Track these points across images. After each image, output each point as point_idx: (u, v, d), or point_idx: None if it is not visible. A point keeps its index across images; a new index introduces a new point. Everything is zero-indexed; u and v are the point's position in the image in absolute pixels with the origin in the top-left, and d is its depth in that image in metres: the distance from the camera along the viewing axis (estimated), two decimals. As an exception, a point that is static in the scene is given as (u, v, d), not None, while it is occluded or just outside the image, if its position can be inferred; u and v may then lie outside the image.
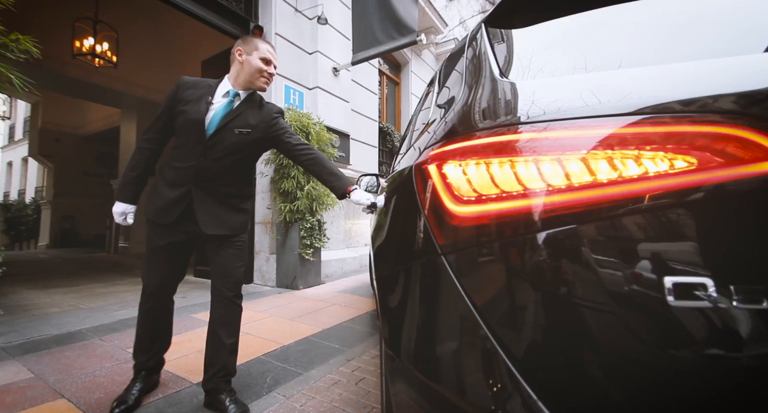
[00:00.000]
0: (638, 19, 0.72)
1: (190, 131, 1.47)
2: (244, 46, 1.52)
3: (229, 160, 1.53)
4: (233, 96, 1.51)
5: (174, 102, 1.51)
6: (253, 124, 1.54)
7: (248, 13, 4.77)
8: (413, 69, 8.22)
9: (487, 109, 0.66)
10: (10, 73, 1.96)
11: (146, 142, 1.55)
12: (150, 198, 1.54)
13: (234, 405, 1.48)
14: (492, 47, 0.77)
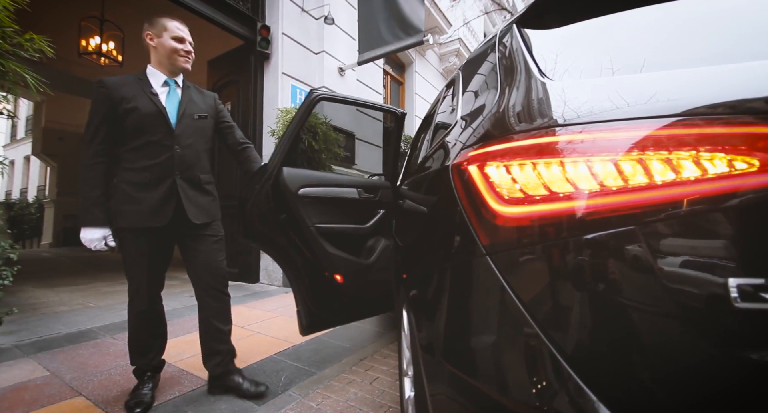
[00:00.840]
0: (675, 19, 0.73)
1: (152, 125, 1.44)
2: (152, 29, 1.50)
3: (198, 146, 1.56)
4: (171, 83, 1.53)
5: (111, 105, 1.42)
6: (203, 108, 1.60)
7: (255, 12, 4.78)
8: (417, 69, 8.22)
9: (529, 109, 0.66)
10: (25, 72, 1.97)
11: (95, 156, 1.43)
12: (120, 208, 1.44)
13: (249, 382, 1.60)
14: (528, 48, 0.77)
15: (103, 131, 1.44)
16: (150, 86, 1.49)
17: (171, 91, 1.52)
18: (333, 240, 1.78)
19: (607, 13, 0.80)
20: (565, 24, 0.83)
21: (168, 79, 1.53)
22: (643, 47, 0.76)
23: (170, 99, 1.51)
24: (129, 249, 1.48)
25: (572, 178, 0.53)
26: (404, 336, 1.32)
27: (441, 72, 9.14)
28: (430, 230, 0.76)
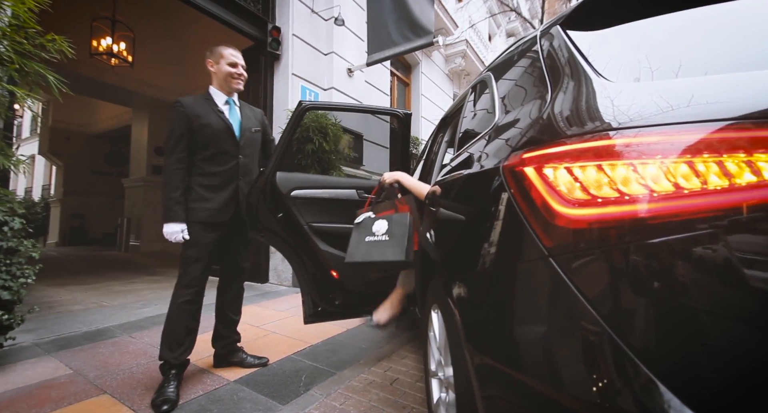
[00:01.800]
0: (727, 20, 0.73)
1: (222, 138, 1.72)
2: (212, 57, 1.78)
3: (254, 155, 1.88)
4: (230, 102, 1.80)
5: (189, 121, 1.68)
6: (256, 123, 1.88)
7: (266, 13, 4.80)
8: (423, 70, 8.23)
9: (587, 111, 0.67)
10: (48, 73, 1.98)
11: (176, 163, 1.67)
12: (194, 205, 1.70)
13: (252, 357, 1.92)
14: (578, 49, 0.78)
15: (183, 142, 1.68)
16: (216, 105, 1.75)
17: (231, 109, 1.80)
18: (328, 238, 1.94)
19: (653, 15, 0.80)
20: (610, 25, 0.83)
21: (228, 98, 1.80)
22: (690, 49, 0.76)
23: (232, 116, 1.79)
24: (195, 241, 1.69)
25: (640, 181, 0.53)
26: (432, 337, 1.32)
27: (447, 73, 9.14)
28: (477, 232, 0.76)
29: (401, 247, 1.53)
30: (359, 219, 1.70)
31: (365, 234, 1.64)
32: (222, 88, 1.78)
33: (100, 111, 10.03)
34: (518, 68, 1.02)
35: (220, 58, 1.75)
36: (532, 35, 1.00)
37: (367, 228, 1.65)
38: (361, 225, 1.68)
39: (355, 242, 1.65)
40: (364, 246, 1.61)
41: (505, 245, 0.68)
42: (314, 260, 1.93)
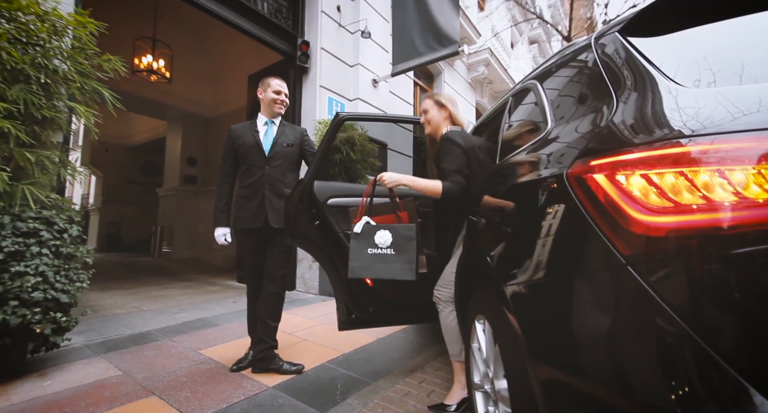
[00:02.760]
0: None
1: (252, 153, 1.99)
2: (261, 87, 2.07)
3: (284, 166, 2.04)
4: (269, 123, 2.06)
5: (232, 143, 2.03)
6: (291, 139, 2.08)
7: (295, 28, 4.97)
8: (446, 79, 8.26)
9: (655, 117, 0.66)
10: (104, 90, 2.12)
11: (225, 177, 2.04)
12: (236, 215, 2.01)
13: (288, 364, 1.98)
14: (643, 55, 0.77)
15: (229, 160, 2.04)
16: (255, 126, 2.05)
17: (269, 128, 2.07)
18: None
19: (719, 20, 0.79)
20: (671, 31, 0.82)
21: (268, 120, 2.07)
22: (754, 54, 0.74)
23: (267, 134, 2.05)
24: (240, 245, 2.05)
25: (725, 188, 0.52)
26: (476, 349, 1.30)
27: (469, 82, 9.14)
28: (540, 239, 0.76)
29: (410, 265, 1.45)
30: (358, 228, 1.57)
31: (367, 245, 1.54)
32: (266, 111, 2.07)
33: (137, 124, 10.59)
34: (571, 76, 1.01)
35: (267, 87, 2.04)
36: (584, 42, 0.99)
37: (368, 238, 1.55)
38: (361, 235, 1.56)
39: (356, 254, 1.55)
40: (367, 259, 1.53)
41: (575, 252, 0.67)
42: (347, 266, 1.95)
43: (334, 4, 5.20)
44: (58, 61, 1.87)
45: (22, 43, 1.75)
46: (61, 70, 1.87)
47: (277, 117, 2.08)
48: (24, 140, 1.64)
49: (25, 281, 1.61)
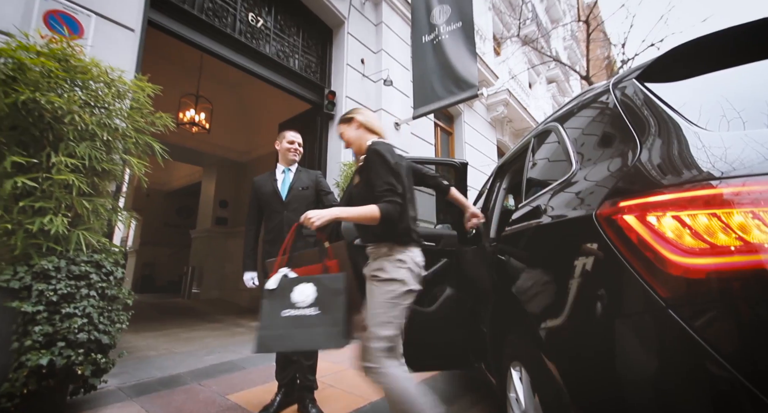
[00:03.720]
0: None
1: (271, 200, 2.14)
2: (278, 140, 2.26)
3: (302, 209, 2.00)
4: (285, 171, 2.23)
5: (255, 193, 2.21)
6: (306, 183, 2.21)
7: (323, 80, 5.38)
8: (466, 120, 8.50)
9: (682, 159, 0.67)
10: (155, 143, 2.34)
11: (251, 224, 2.19)
12: (263, 259, 2.06)
13: (316, 409, 1.94)
14: (662, 100, 0.80)
15: (253, 208, 2.20)
16: (274, 175, 2.22)
17: (285, 175, 2.22)
18: None
19: (733, 66, 0.82)
20: (687, 77, 0.86)
21: (285, 168, 2.24)
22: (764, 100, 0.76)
23: (285, 180, 2.20)
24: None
25: (762, 229, 0.52)
26: (513, 400, 1.23)
27: (489, 121, 9.35)
28: (574, 281, 0.75)
29: (337, 328, 1.14)
30: (271, 284, 1.27)
31: (281, 305, 1.21)
32: (282, 160, 2.25)
33: (176, 171, 11.36)
34: (592, 119, 1.05)
35: (282, 139, 2.25)
36: (602, 88, 1.04)
37: (283, 295, 1.23)
38: (275, 293, 1.25)
39: (267, 319, 1.21)
40: (281, 325, 1.18)
41: (612, 294, 0.67)
42: None
43: (358, 57, 5.62)
44: (119, 120, 2.11)
45: (90, 106, 1.99)
46: (121, 128, 2.10)
47: (292, 164, 2.24)
48: (84, 190, 1.82)
49: (72, 322, 1.70)
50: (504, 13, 10.20)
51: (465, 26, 5.21)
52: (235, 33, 4.16)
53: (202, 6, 3.87)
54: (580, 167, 0.95)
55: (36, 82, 1.71)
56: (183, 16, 3.58)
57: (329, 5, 5.15)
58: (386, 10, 6.10)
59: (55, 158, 1.72)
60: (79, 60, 1.95)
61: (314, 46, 5.41)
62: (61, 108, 1.74)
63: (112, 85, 2.08)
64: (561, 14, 14.46)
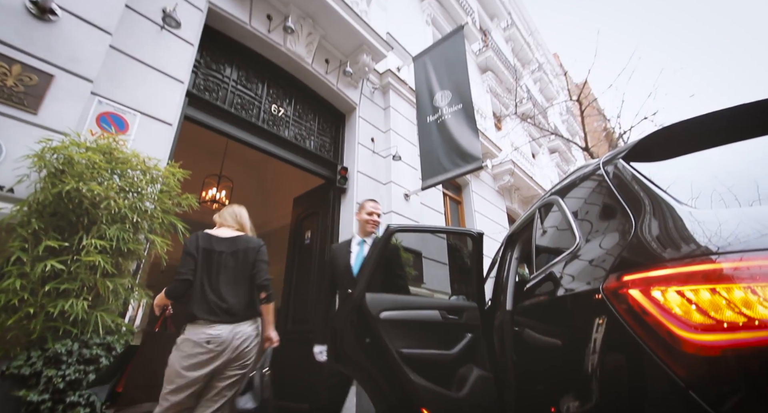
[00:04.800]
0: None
1: (343, 275, 2.05)
2: (359, 211, 2.27)
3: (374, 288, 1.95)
4: (361, 243, 2.16)
5: (330, 263, 2.15)
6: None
7: (336, 157, 5.78)
8: (474, 189, 8.76)
9: (675, 235, 0.70)
10: (179, 223, 2.49)
11: (323, 295, 2.15)
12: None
13: None
14: (647, 178, 0.86)
15: (327, 278, 2.16)
16: (349, 246, 2.18)
17: (361, 248, 2.17)
18: (418, 367, 1.68)
19: (710, 147, 0.89)
20: (671, 157, 0.93)
21: (361, 239, 2.21)
22: (752, 178, 0.81)
23: (358, 254, 2.14)
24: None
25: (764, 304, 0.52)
26: None
27: (497, 190, 9.61)
28: (590, 357, 0.73)
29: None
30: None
31: None
32: (360, 231, 2.23)
33: (193, 245, 11.63)
34: (587, 195, 1.11)
35: (362, 209, 2.26)
36: (593, 167, 1.12)
37: None
38: None
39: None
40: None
41: (629, 372, 0.64)
42: (401, 395, 1.69)
43: (368, 136, 6.10)
44: (149, 203, 2.28)
45: (125, 192, 2.18)
46: (150, 209, 2.26)
47: (369, 235, 2.21)
48: (109, 270, 1.90)
49: (75, 412, 1.63)
50: (501, 95, 11.20)
51: (465, 107, 5.72)
52: (259, 121, 4.64)
53: (232, 101, 4.40)
54: (584, 239, 0.98)
55: (81, 173, 1.92)
56: (215, 110, 4.06)
57: (342, 95, 5.79)
58: (393, 96, 6.78)
59: (86, 241, 1.84)
60: (122, 152, 2.20)
61: (329, 129, 5.94)
62: (99, 194, 1.91)
63: (147, 172, 2.29)
64: (554, 94, 15.73)
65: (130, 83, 2.92)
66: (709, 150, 0.92)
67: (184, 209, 2.64)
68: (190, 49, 3.54)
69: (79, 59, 2.48)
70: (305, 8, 4.95)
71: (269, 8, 4.73)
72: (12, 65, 2.16)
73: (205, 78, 4.15)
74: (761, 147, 0.88)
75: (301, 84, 5.43)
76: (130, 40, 3.03)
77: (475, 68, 10.74)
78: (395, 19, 7.73)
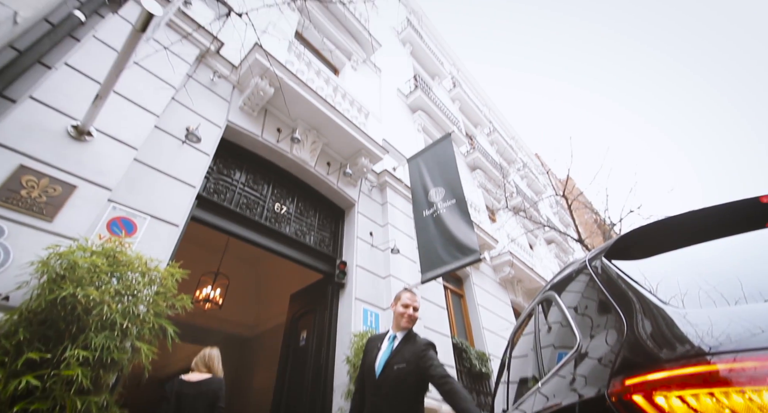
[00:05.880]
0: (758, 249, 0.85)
1: (368, 373, 1.86)
2: (394, 301, 2.09)
3: (394, 395, 1.75)
4: (392, 339, 1.96)
5: (364, 355, 1.97)
6: (407, 358, 1.84)
7: (335, 252, 5.83)
8: (475, 281, 8.60)
9: (669, 335, 0.71)
10: (169, 326, 2.39)
11: (355, 392, 1.97)
12: None
13: None
14: (630, 277, 0.90)
15: (360, 371, 1.98)
16: (382, 339, 2.00)
17: (389, 345, 1.95)
18: None
19: (685, 246, 0.96)
20: (648, 256, 0.98)
21: (393, 333, 2.01)
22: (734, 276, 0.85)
23: (386, 351, 1.93)
24: None
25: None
26: None
27: (498, 282, 9.44)
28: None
29: None
30: None
31: None
32: (394, 325, 2.04)
33: (176, 352, 10.73)
34: (580, 291, 1.13)
35: (397, 301, 2.10)
36: (581, 264, 1.16)
37: None
38: None
39: None
40: None
41: None
42: None
43: (367, 230, 6.27)
44: (142, 306, 2.23)
45: (120, 295, 2.16)
46: (142, 313, 2.20)
47: (403, 331, 1.99)
48: (85, 386, 1.75)
49: None
50: (492, 190, 11.93)
51: (459, 203, 6.03)
52: (261, 219, 4.84)
53: (238, 201, 4.67)
54: (584, 338, 0.96)
55: (81, 278, 1.93)
56: (221, 210, 4.28)
57: (342, 193, 6.16)
58: (390, 193, 7.21)
59: (69, 352, 1.74)
60: (125, 255, 2.25)
61: (328, 224, 6.15)
62: (94, 299, 1.89)
63: (147, 274, 2.31)
64: (542, 188, 16.77)
65: (145, 189, 3.15)
66: (687, 247, 0.98)
67: (177, 311, 2.56)
68: (205, 159, 3.92)
69: (103, 171, 2.74)
70: (311, 122, 5.65)
71: (279, 123, 5.40)
72: (41, 179, 2.37)
73: (216, 182, 4.49)
74: (738, 245, 0.94)
75: (303, 184, 5.83)
76: (151, 152, 3.38)
77: (465, 167, 11.67)
78: (390, 128, 8.73)
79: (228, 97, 4.77)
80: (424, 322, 5.99)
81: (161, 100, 3.53)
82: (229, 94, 4.83)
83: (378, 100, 8.76)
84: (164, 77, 3.66)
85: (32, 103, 2.62)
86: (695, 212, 1.01)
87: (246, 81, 4.94)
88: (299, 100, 5.24)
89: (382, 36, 10.95)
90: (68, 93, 2.82)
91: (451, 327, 7.19)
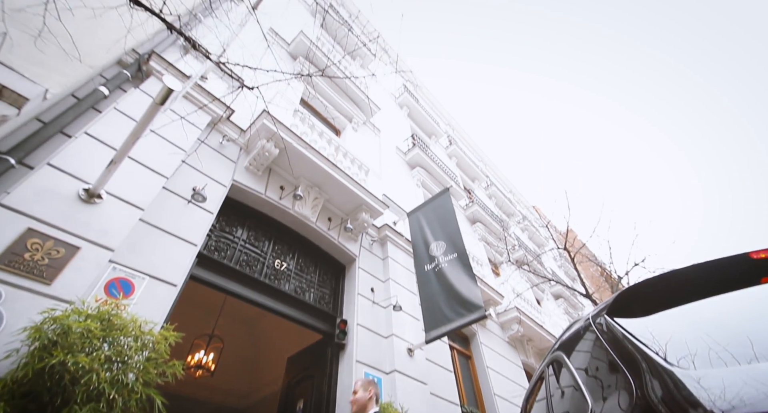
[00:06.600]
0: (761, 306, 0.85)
1: None
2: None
3: None
4: None
5: None
6: None
7: (335, 310, 5.64)
8: (482, 340, 8.16)
9: (678, 398, 0.68)
10: (158, 398, 2.24)
11: None
12: None
13: None
14: (634, 336, 0.88)
15: None
16: None
17: None
18: None
19: (685, 302, 0.95)
20: (651, 312, 0.98)
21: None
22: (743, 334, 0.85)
23: None
24: None
25: None
26: None
27: (507, 340, 8.95)
28: None
29: None
30: None
31: None
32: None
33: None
34: (587, 350, 1.10)
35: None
36: (584, 322, 1.14)
37: None
38: None
39: None
40: None
41: None
42: None
43: (368, 286, 6.12)
44: (132, 374, 2.12)
45: (110, 362, 2.06)
46: (131, 383, 2.08)
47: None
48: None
49: None
50: (493, 243, 11.88)
51: (460, 256, 5.98)
52: (261, 276, 4.77)
53: (239, 259, 4.65)
54: (595, 402, 0.91)
55: (72, 344, 1.87)
56: (221, 268, 4.24)
57: (343, 248, 6.14)
58: (391, 247, 7.17)
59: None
60: (120, 318, 2.20)
61: (329, 280, 6.03)
62: (83, 367, 1.81)
63: (140, 338, 2.23)
64: (544, 241, 16.69)
65: (147, 248, 3.17)
66: (688, 304, 0.98)
67: (167, 379, 2.42)
68: (209, 217, 3.99)
69: (108, 232, 2.79)
70: (313, 179, 5.85)
71: (283, 181, 5.59)
72: (46, 241, 2.41)
73: (217, 239, 4.51)
74: (738, 301, 0.94)
75: (304, 239, 5.85)
76: (157, 212, 3.46)
77: (465, 220, 11.77)
78: (390, 184, 8.99)
79: (235, 158, 5.01)
80: (431, 388, 5.57)
81: (172, 163, 3.71)
82: (236, 155, 5.08)
83: (378, 157, 9.16)
84: (177, 142, 3.89)
85: (48, 168, 2.76)
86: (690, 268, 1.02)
87: (253, 143, 5.22)
88: (302, 159, 5.49)
89: (381, 100, 11.80)
90: (84, 158, 2.98)
91: (459, 394, 6.65)
